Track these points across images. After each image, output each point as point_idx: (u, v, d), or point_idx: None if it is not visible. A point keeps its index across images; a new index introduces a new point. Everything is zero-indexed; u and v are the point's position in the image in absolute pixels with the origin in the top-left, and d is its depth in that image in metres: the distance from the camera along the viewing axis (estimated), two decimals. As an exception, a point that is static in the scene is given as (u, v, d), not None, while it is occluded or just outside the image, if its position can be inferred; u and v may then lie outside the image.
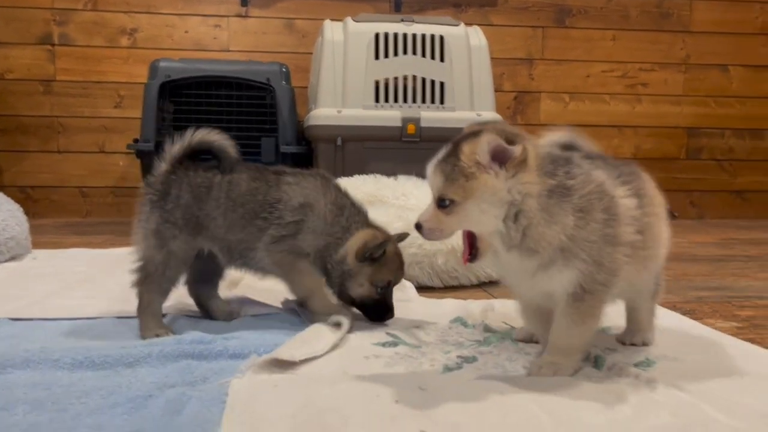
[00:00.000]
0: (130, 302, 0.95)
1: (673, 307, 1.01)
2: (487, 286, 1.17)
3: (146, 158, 1.84)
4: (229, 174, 0.85)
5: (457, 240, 1.13)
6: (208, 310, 0.89)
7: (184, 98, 1.92)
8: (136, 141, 1.88)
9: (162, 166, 0.85)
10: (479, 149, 0.62)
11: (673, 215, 1.52)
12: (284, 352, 0.68)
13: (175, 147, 0.85)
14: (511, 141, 0.61)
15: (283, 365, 0.67)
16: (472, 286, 1.17)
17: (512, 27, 2.59)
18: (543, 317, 0.69)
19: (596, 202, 0.62)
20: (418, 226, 0.65)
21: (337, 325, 0.79)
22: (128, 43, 2.38)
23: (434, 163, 0.64)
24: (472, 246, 0.66)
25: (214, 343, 0.74)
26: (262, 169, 0.89)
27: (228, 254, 0.85)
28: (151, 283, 0.81)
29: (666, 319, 0.92)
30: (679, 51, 2.67)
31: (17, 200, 2.21)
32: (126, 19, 2.38)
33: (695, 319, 0.94)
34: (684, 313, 0.97)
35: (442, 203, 0.63)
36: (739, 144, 2.72)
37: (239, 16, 2.43)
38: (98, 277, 1.15)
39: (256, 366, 0.64)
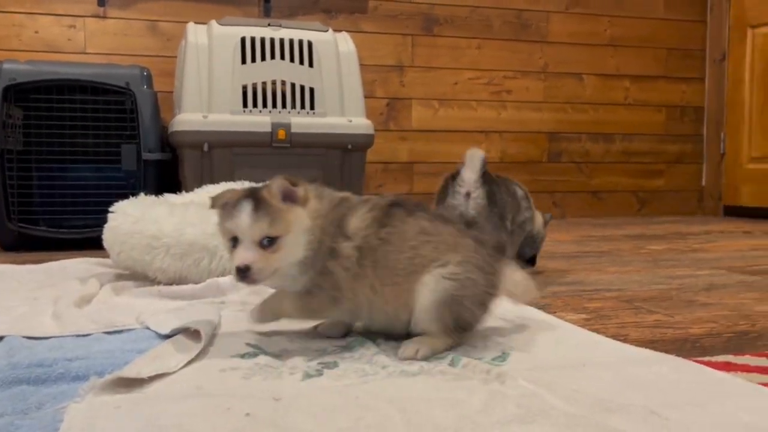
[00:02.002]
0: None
1: (529, 302, 1.06)
2: (356, 291, 1.18)
3: (-10, 167, 1.69)
4: None
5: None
6: None
7: (34, 103, 1.78)
8: (-23, 149, 1.72)
9: None
10: (275, 192, 0.74)
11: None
12: (131, 370, 0.64)
13: None
14: (294, 184, 0.75)
15: (130, 384, 0.63)
16: (342, 291, 1.17)
17: (383, 34, 2.63)
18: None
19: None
20: (244, 270, 0.70)
21: (190, 336, 0.76)
22: (-31, 43, 2.18)
23: (249, 212, 0.72)
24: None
25: (55, 365, 0.68)
26: None
27: None
28: None
29: (523, 314, 0.96)
30: (538, 60, 2.83)
31: None
32: (-34, 17, 2.17)
33: (549, 312, 0.99)
34: (539, 308, 1.02)
35: (264, 242, 0.72)
36: (594, 147, 2.93)
37: (96, 16, 2.29)
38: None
39: (97, 387, 0.59)
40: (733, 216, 2.91)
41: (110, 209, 1.20)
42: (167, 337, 0.79)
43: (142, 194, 1.30)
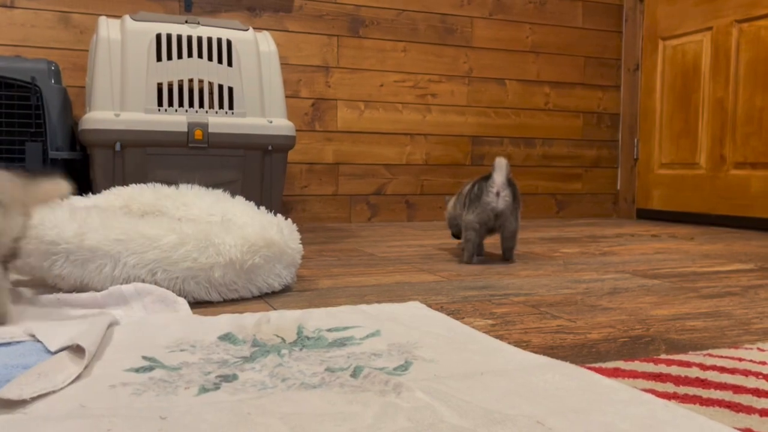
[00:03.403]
0: None
1: (440, 308, 1.08)
2: (268, 297, 1.16)
3: None
4: None
5: (235, 252, 1.11)
6: None
7: (-69, 96, 1.67)
8: None
9: None
10: None
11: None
12: (11, 390, 0.60)
13: None
14: None
15: (9, 405, 0.59)
16: (253, 298, 1.15)
17: (308, 34, 2.61)
18: None
19: None
20: None
21: (80, 351, 0.72)
22: None
23: None
24: None
25: (-73, 385, 0.64)
26: None
27: None
28: None
29: (432, 319, 0.97)
30: (462, 64, 2.87)
31: None
32: None
33: (458, 318, 1.00)
34: (449, 313, 1.03)
35: None
36: (516, 151, 3.00)
37: (4, 6, 2.17)
38: None
39: (-32, 410, 0.56)
40: (645, 219, 3.05)
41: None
42: (56, 352, 0.75)
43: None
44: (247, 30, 1.89)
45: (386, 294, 1.19)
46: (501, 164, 1.53)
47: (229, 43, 1.82)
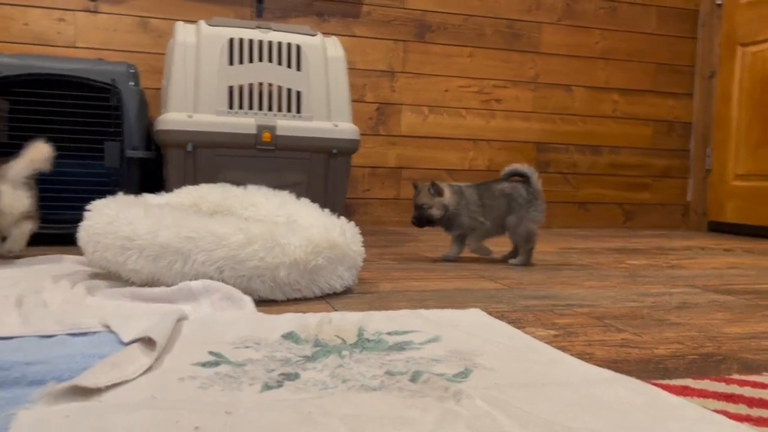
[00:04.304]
0: None
1: (501, 316, 1.07)
2: (330, 298, 1.18)
3: (-28, 161, 1.67)
4: None
5: (299, 253, 1.13)
6: None
7: (21, 96, 1.77)
8: (-40, 142, 1.71)
9: None
10: None
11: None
12: (88, 379, 0.63)
13: None
14: None
15: (86, 392, 0.62)
16: (316, 298, 1.17)
17: (375, 39, 2.63)
18: None
19: None
20: None
21: (151, 343, 0.75)
22: (-43, 33, 2.17)
23: None
24: None
25: (13, 369, 0.68)
26: None
27: None
28: None
29: (493, 328, 0.97)
30: (529, 70, 2.84)
31: None
32: (-46, 7, 2.17)
33: (519, 327, 0.99)
34: (510, 322, 1.02)
35: None
36: (581, 159, 2.94)
37: (87, 11, 2.29)
38: None
39: (50, 395, 0.59)
40: (717, 232, 2.93)
41: (87, 207, 1.20)
42: (129, 344, 0.79)
43: (120, 193, 1.30)
44: (315, 35, 1.93)
45: (446, 300, 1.19)
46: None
47: (298, 47, 1.86)
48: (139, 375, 0.68)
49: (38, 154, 1.44)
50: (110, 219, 1.13)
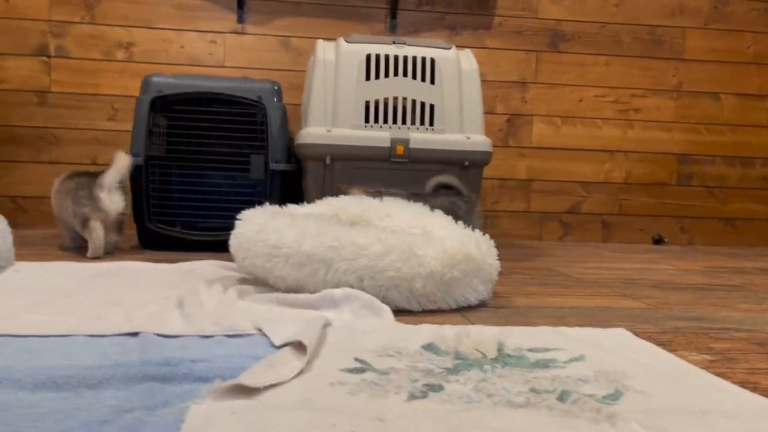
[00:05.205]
0: (102, 319, 0.95)
1: (649, 337, 1.01)
2: (465, 311, 1.18)
3: (136, 172, 1.85)
4: None
5: (435, 264, 1.14)
6: None
7: (177, 113, 1.93)
8: (126, 155, 1.88)
9: None
10: None
11: (662, 240, 1.54)
12: (248, 378, 0.67)
13: None
14: None
15: (246, 391, 0.66)
16: (451, 311, 1.17)
17: (506, 50, 2.61)
18: None
19: None
20: None
21: (301, 347, 0.79)
22: (124, 57, 2.40)
23: None
24: None
25: (180, 365, 0.74)
26: None
27: None
28: None
29: (641, 349, 0.92)
30: (671, 78, 2.69)
31: (7, 210, 2.23)
32: (123, 33, 2.40)
33: (670, 350, 0.94)
34: (659, 344, 0.97)
35: None
36: (730, 171, 2.73)
37: (235, 32, 2.45)
38: (76, 292, 1.15)
39: (217, 392, 0.64)
40: None
41: (238, 216, 1.28)
42: (281, 347, 0.83)
43: (267, 204, 1.37)
44: (449, 48, 1.94)
45: (587, 318, 1.15)
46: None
47: (432, 61, 1.89)
48: (292, 377, 0.72)
49: (123, 163, 1.70)
50: (259, 228, 1.19)
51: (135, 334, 0.87)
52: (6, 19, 2.34)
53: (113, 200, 1.67)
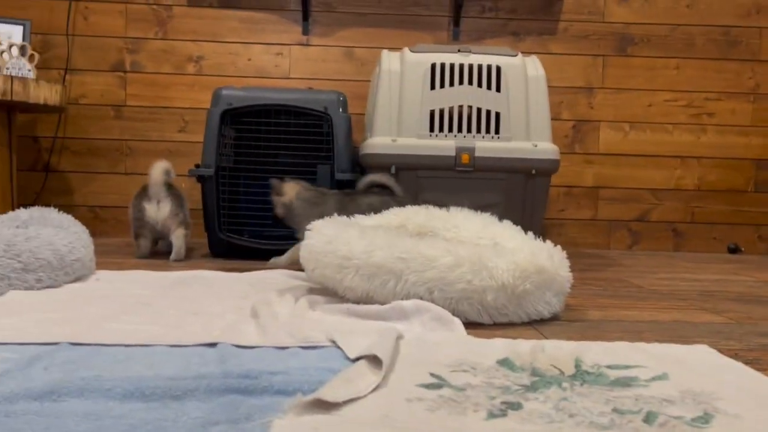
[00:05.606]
0: (182, 329, 0.97)
1: (735, 355, 0.97)
2: (537, 324, 1.15)
3: (207, 183, 1.90)
4: None
5: (507, 277, 1.12)
6: None
7: (245, 125, 1.97)
8: (197, 166, 1.94)
9: None
10: None
11: (738, 249, 1.46)
12: (328, 393, 0.68)
13: None
14: None
15: (326, 406, 0.67)
16: (522, 324, 1.15)
17: (572, 55, 2.56)
18: None
19: None
20: None
21: (376, 360, 0.79)
22: (194, 70, 2.47)
23: None
24: None
25: (260, 377, 0.75)
26: None
27: None
28: None
29: (727, 368, 0.88)
30: (747, 80, 2.58)
31: (86, 219, 2.32)
32: (193, 48, 2.47)
33: (760, 369, 0.89)
34: (747, 362, 0.92)
35: None
36: (813, 177, 2.60)
37: (301, 44, 2.49)
38: (155, 301, 1.19)
39: (299, 407, 0.64)
40: None
41: (307, 227, 1.29)
42: (355, 360, 0.83)
43: (335, 215, 1.39)
44: (515, 55, 1.92)
45: (665, 333, 1.11)
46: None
47: (498, 69, 1.87)
48: (369, 392, 0.72)
49: (158, 170, 1.80)
50: (329, 239, 1.21)
51: (213, 345, 0.89)
52: (86, 37, 2.45)
53: (160, 207, 1.80)
